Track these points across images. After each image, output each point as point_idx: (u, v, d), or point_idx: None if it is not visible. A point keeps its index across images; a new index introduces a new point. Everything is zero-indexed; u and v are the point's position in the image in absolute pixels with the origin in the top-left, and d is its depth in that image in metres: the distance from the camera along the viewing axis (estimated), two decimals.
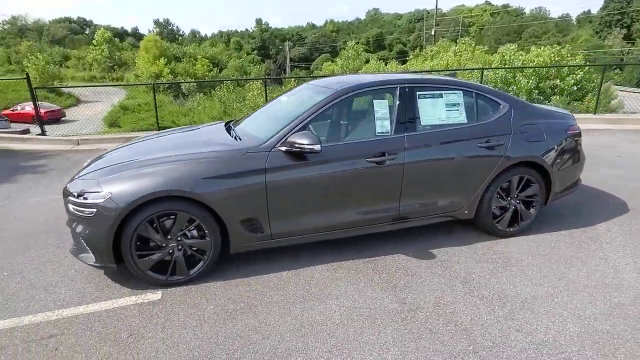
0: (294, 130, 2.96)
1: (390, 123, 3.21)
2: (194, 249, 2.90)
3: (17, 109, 25.21)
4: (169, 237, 2.81)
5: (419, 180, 3.24)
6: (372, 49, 79.66)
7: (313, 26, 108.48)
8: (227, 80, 19.80)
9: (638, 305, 2.61)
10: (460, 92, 3.44)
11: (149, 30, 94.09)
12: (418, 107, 3.29)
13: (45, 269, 3.20)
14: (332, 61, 65.22)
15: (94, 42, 47.82)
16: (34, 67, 32.64)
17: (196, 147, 3.14)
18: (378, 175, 3.11)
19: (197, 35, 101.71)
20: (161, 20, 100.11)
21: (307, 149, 2.83)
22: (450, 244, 3.49)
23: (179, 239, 2.84)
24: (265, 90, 10.85)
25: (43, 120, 25.69)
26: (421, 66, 29.39)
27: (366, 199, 3.17)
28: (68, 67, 52.69)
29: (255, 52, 79.44)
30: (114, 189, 2.68)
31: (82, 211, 2.70)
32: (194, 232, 2.88)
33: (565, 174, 3.74)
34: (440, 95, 3.39)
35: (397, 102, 3.24)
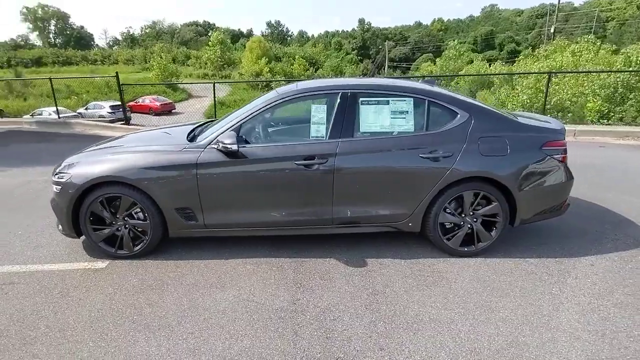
0: (228, 130, 3.20)
1: (326, 128, 3.25)
2: (138, 229, 3.33)
3: (138, 102, 29.45)
4: (117, 216, 3.29)
5: (352, 187, 3.22)
6: (480, 49, 74.61)
7: (419, 25, 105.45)
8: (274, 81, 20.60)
9: (543, 349, 2.30)
10: (411, 99, 3.30)
11: (261, 32, 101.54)
12: (358, 114, 3.27)
13: (43, 234, 3.95)
14: (432, 62, 62.84)
15: (209, 43, 53.35)
16: (157, 66, 37.86)
17: (154, 142, 3.59)
18: (307, 178, 3.18)
19: (304, 36, 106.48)
20: (273, 22, 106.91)
21: (228, 147, 3.06)
22: (392, 256, 3.38)
23: (125, 218, 3.30)
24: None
25: (157, 111, 29.28)
26: (529, 67, 26.66)
27: (295, 201, 3.26)
28: (188, 65, 59.66)
29: (355, 52, 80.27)
30: (74, 171, 3.24)
31: (54, 187, 3.32)
32: (140, 215, 3.31)
33: (540, 195, 3.33)
34: (387, 102, 3.30)
35: (337, 107, 3.25)
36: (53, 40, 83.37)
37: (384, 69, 60.99)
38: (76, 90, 29.44)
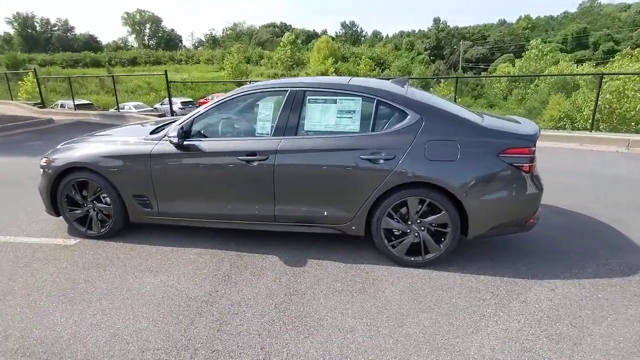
0: (177, 124, 3.36)
1: (271, 126, 3.27)
2: (104, 212, 3.64)
3: (207, 98, 31.46)
4: (87, 199, 3.62)
5: (293, 186, 3.20)
6: (570, 49, 67.84)
7: (503, 23, 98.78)
8: None
9: None
10: (359, 99, 3.19)
11: (335, 33, 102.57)
12: (305, 112, 3.23)
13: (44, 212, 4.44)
14: (512, 63, 58.50)
15: (280, 43, 55.36)
16: (230, 65, 40.25)
17: (128, 133, 3.89)
18: (249, 174, 3.22)
19: (377, 37, 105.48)
20: (347, 22, 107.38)
21: (172, 141, 3.23)
22: (336, 259, 3.29)
23: (93, 202, 3.62)
24: None
25: None
26: (625, 68, 23.71)
27: (239, 196, 3.32)
28: (261, 65, 62.45)
29: (428, 52, 77.57)
30: (55, 156, 3.63)
31: (40, 170, 3.74)
32: (107, 199, 3.61)
33: (497, 207, 3.02)
34: (334, 101, 3.23)
35: (283, 105, 3.25)
36: (147, 42, 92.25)
37: (457, 69, 58.18)
38: (155, 88, 32.31)
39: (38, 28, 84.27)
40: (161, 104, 28.05)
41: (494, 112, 19.66)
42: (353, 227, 3.22)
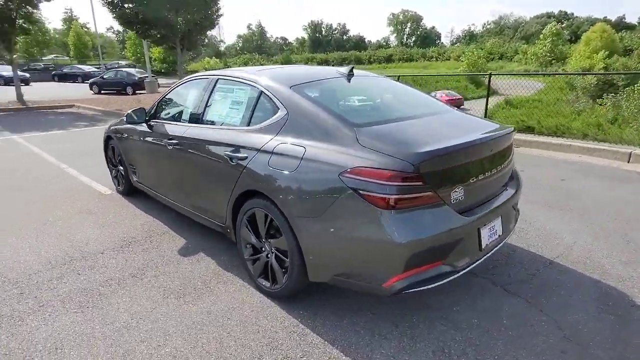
0: (150, 108, 3.84)
1: (190, 112, 3.31)
2: (122, 173, 4.55)
3: (435, 96, 31.13)
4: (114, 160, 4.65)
5: (190, 175, 3.20)
6: None
7: None
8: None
9: None
10: (248, 89, 2.82)
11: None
12: (210, 101, 3.13)
13: None
14: None
15: (541, 36, 47.61)
16: (467, 62, 38.02)
17: None
18: (170, 158, 3.39)
19: None
20: None
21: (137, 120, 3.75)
22: (226, 258, 3.12)
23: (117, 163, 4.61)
24: None
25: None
26: None
27: (169, 178, 3.52)
28: (515, 61, 55.72)
29: None
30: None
31: None
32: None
33: (337, 249, 2.14)
34: (232, 91, 2.97)
35: (204, 93, 3.23)
36: (405, 40, 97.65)
37: None
38: None
39: (323, 32, 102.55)
40: None
41: None
42: (228, 230, 2.92)
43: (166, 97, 3.83)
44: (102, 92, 22.27)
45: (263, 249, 2.62)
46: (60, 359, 2.08)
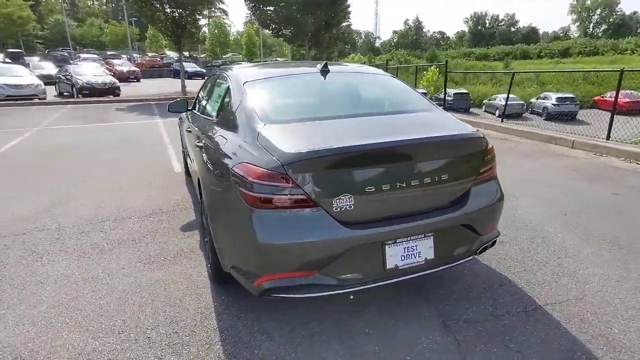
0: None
1: (201, 105, 3.69)
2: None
3: (605, 96, 25.83)
4: None
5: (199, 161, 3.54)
6: None
7: None
8: None
9: None
10: (225, 84, 3.05)
11: None
12: (210, 95, 3.43)
13: None
14: None
15: None
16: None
17: None
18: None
19: None
20: None
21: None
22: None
23: None
24: None
25: (624, 109, 24.88)
26: None
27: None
28: None
29: None
30: None
31: None
32: None
33: (229, 240, 2.19)
34: (219, 86, 3.20)
35: (209, 88, 3.56)
36: (591, 30, 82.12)
37: None
38: (544, 81, 29.64)
39: (487, 25, 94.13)
40: (537, 99, 25.78)
41: None
42: None
43: (200, 93, 4.30)
44: None
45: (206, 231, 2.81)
46: (40, 288, 2.69)
